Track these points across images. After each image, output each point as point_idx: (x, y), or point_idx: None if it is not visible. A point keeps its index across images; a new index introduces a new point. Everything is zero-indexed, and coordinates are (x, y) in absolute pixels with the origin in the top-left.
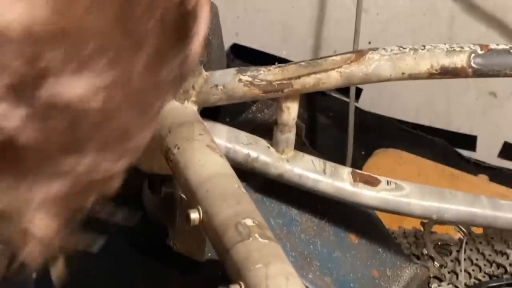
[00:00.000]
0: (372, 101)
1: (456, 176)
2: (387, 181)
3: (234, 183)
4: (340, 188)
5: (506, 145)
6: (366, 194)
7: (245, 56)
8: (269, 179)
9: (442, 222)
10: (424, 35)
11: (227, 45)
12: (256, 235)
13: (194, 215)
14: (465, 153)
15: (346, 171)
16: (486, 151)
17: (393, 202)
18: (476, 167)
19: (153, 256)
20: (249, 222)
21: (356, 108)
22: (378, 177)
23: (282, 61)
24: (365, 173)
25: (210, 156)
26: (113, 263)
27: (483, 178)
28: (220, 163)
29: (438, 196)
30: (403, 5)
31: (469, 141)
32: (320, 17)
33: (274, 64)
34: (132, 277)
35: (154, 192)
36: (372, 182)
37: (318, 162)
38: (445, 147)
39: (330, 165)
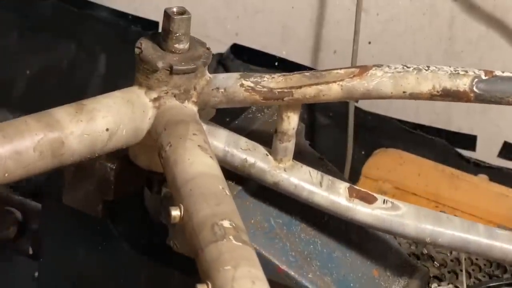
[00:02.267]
0: (372, 101)
1: (456, 176)
2: (384, 200)
3: (219, 184)
4: (335, 202)
5: (506, 145)
6: (360, 211)
7: (245, 56)
8: None
9: (435, 246)
10: (424, 35)
11: (227, 45)
12: (231, 237)
13: (175, 212)
14: (465, 153)
15: (343, 185)
16: (486, 151)
17: (388, 221)
18: (476, 167)
19: (155, 256)
20: (226, 223)
21: (356, 108)
22: (375, 195)
23: (282, 61)
24: (362, 189)
25: (200, 156)
26: (115, 263)
27: (483, 178)
28: (208, 164)
29: (434, 219)
30: (403, 5)
31: (469, 141)
32: (320, 17)
33: (273, 64)
34: (134, 277)
35: (152, 191)
36: (368, 199)
37: (315, 174)
38: (445, 147)
39: (327, 178)
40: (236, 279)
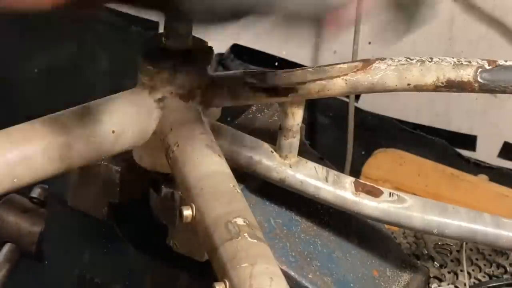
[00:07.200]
0: (372, 101)
1: (456, 176)
2: (390, 193)
3: (230, 183)
4: (341, 197)
5: (506, 145)
6: (367, 205)
7: (245, 56)
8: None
9: (443, 237)
10: (424, 35)
11: (227, 45)
12: (246, 234)
13: (187, 212)
14: (465, 153)
15: (348, 180)
16: (486, 151)
17: (394, 214)
18: (476, 167)
19: (160, 258)
20: (239, 221)
21: (356, 108)
22: (381, 188)
23: (282, 61)
24: (368, 183)
25: (208, 155)
26: (120, 266)
27: (483, 178)
28: (217, 163)
29: (440, 210)
30: None
31: (469, 141)
32: None
33: (274, 64)
34: (139, 280)
35: (157, 193)
36: (374, 192)
37: (321, 169)
38: (445, 147)
39: (333, 173)
40: (254, 276)
